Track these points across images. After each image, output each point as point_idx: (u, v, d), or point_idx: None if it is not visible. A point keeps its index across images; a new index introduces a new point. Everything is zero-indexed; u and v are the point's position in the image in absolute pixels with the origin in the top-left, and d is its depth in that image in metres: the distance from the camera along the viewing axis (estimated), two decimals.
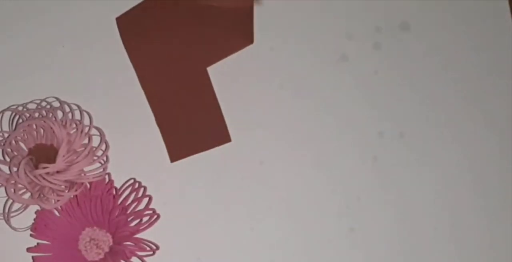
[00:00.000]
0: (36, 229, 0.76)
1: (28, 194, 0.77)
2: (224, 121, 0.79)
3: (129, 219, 0.76)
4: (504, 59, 0.85)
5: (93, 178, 0.77)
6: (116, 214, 0.76)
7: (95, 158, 0.78)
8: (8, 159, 0.78)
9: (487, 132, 0.83)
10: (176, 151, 0.79)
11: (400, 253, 0.80)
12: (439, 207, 0.81)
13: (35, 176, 0.75)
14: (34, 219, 0.77)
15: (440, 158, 0.82)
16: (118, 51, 0.83)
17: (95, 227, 0.77)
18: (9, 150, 0.78)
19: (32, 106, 0.80)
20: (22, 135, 0.78)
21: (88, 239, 0.77)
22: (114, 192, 0.78)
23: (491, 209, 0.81)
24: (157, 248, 0.76)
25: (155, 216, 0.77)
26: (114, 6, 0.84)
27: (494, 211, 0.81)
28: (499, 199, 0.82)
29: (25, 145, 0.79)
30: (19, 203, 0.77)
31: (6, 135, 0.79)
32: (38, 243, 0.76)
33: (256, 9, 0.85)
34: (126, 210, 0.77)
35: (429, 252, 0.80)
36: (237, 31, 0.79)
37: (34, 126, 0.78)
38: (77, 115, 0.80)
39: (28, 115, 0.79)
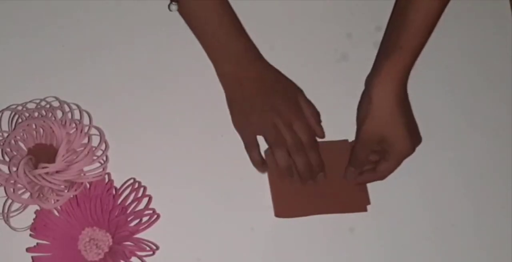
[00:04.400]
0: (35, 229, 0.76)
1: (28, 194, 0.77)
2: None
3: (129, 219, 0.76)
4: (504, 59, 0.85)
5: (93, 177, 0.77)
6: (116, 213, 0.76)
7: (94, 157, 0.78)
8: (7, 159, 0.78)
9: (486, 131, 0.83)
10: None
11: (399, 253, 0.80)
12: (437, 207, 0.81)
13: (34, 176, 0.75)
14: (34, 219, 0.77)
15: (439, 157, 0.82)
16: (119, 52, 0.83)
17: (94, 227, 0.77)
18: (8, 149, 0.78)
19: (31, 106, 0.80)
20: (21, 134, 0.78)
21: (87, 239, 0.77)
22: (113, 192, 0.77)
23: (488, 209, 0.81)
24: (157, 248, 0.76)
25: (155, 216, 0.77)
26: (113, 7, 0.84)
27: (493, 211, 0.81)
28: (497, 199, 0.82)
29: (24, 144, 0.79)
30: (19, 202, 0.77)
31: (5, 135, 0.79)
32: (37, 243, 0.76)
33: (256, 9, 0.85)
34: (126, 209, 0.76)
35: (428, 252, 0.80)
36: None
37: (34, 126, 0.78)
38: (77, 115, 0.80)
39: (27, 115, 0.79)
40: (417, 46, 0.77)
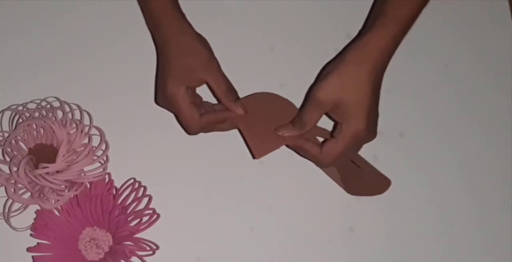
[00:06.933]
0: (36, 228, 0.76)
1: (28, 194, 0.78)
2: None
3: (129, 219, 0.76)
4: (503, 59, 0.85)
5: (93, 177, 0.77)
6: (116, 213, 0.76)
7: (95, 157, 0.78)
8: (8, 159, 0.78)
9: (486, 131, 0.83)
10: None
11: (399, 253, 0.80)
12: (438, 207, 0.81)
13: (35, 176, 0.75)
14: (34, 219, 0.77)
15: (439, 157, 0.82)
16: (118, 52, 0.83)
17: (95, 227, 0.77)
18: (9, 149, 0.78)
19: (32, 106, 0.80)
20: (22, 134, 0.78)
21: (88, 239, 0.77)
22: (114, 192, 0.78)
23: (488, 208, 0.81)
24: (157, 248, 0.76)
25: (155, 216, 0.77)
26: (114, 6, 0.84)
27: (492, 211, 0.81)
28: (497, 198, 0.82)
29: (25, 144, 0.79)
30: (19, 202, 0.77)
31: (6, 135, 0.79)
32: (38, 243, 0.76)
33: (256, 9, 0.85)
34: (126, 209, 0.77)
35: (428, 252, 0.80)
36: None
37: (34, 126, 0.79)
38: (77, 115, 0.80)
39: (28, 115, 0.79)
40: (405, 16, 0.69)
